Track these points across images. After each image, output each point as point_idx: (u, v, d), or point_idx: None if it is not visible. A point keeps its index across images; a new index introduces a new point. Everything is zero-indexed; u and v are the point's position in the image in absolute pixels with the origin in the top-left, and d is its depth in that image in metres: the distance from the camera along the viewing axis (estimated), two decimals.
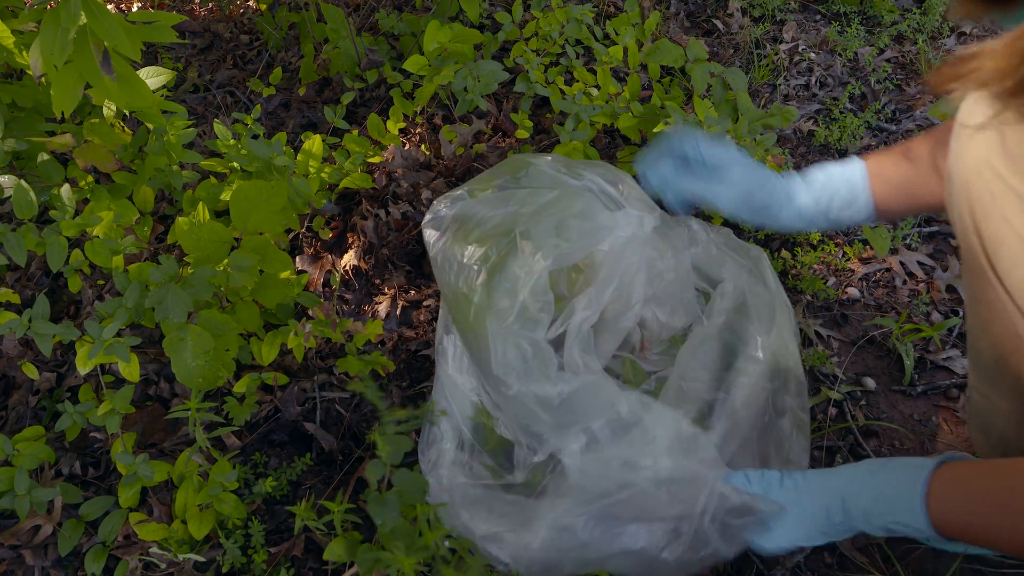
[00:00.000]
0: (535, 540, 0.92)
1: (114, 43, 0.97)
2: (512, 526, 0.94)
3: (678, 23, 2.11)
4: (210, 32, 2.13)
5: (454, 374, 1.07)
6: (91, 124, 1.27)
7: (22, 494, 1.04)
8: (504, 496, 0.99)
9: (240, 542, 1.09)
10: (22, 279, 1.48)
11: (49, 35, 0.93)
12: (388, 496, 0.83)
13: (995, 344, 0.79)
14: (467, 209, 1.08)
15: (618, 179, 1.10)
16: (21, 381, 1.32)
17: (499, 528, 0.94)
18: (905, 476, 0.81)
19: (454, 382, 1.07)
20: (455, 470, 1.01)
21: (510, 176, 1.11)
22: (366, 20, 1.99)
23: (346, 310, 1.43)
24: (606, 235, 1.00)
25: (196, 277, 1.07)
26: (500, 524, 0.94)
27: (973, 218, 0.74)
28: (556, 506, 0.93)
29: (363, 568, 0.81)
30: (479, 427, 1.06)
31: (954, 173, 0.78)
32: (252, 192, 1.16)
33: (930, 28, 2.08)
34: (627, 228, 1.01)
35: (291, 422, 1.26)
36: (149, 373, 1.32)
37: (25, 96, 1.23)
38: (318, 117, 1.80)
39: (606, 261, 1.01)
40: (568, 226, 1.00)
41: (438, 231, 1.09)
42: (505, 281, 0.97)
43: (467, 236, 1.03)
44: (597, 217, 1.02)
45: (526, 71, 1.56)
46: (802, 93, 1.92)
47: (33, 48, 0.99)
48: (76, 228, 1.15)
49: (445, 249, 1.06)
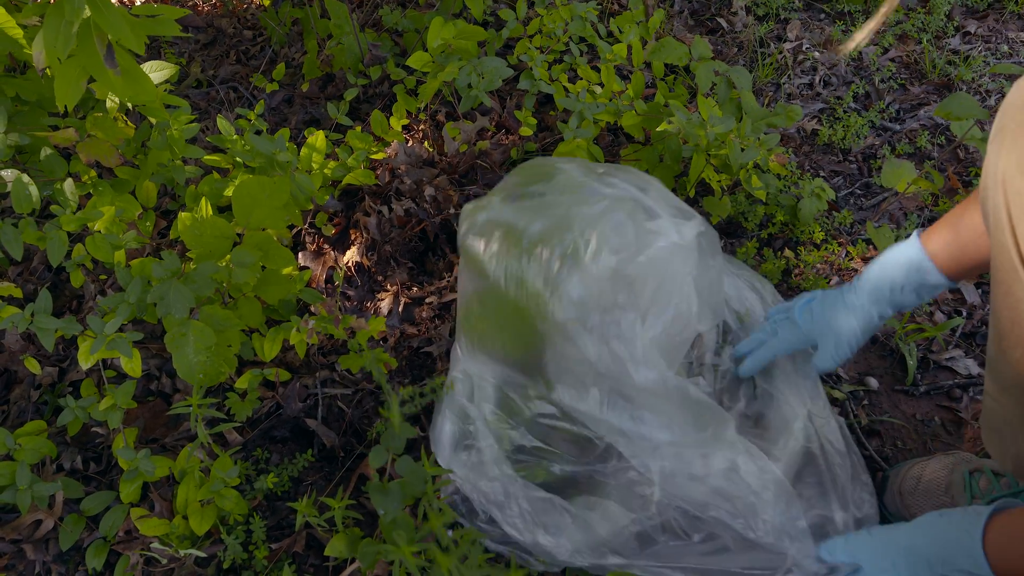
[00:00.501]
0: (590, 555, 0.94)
1: (118, 36, 0.96)
2: (579, 539, 0.95)
3: (682, 21, 2.11)
4: (213, 27, 2.13)
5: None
6: (94, 119, 1.27)
7: (23, 488, 1.04)
8: (562, 503, 1.00)
9: (241, 538, 1.09)
10: (24, 273, 1.48)
11: (53, 28, 0.92)
12: (391, 486, 0.83)
13: (1016, 346, 0.79)
14: (507, 217, 1.05)
15: (647, 184, 1.09)
16: (23, 376, 1.32)
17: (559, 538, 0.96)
18: (964, 522, 0.85)
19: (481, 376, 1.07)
20: (503, 468, 1.02)
21: (543, 182, 1.08)
22: (370, 16, 1.99)
23: (348, 306, 1.43)
24: (654, 241, 1.00)
25: (198, 273, 1.07)
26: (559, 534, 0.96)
27: (1009, 214, 0.74)
28: (622, 519, 0.96)
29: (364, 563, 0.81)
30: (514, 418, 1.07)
31: (992, 166, 0.77)
32: (255, 188, 1.16)
33: (934, 27, 2.07)
34: (670, 236, 1.01)
35: (293, 418, 1.26)
36: (151, 368, 1.32)
37: (28, 90, 1.23)
38: (321, 113, 1.80)
39: (652, 272, 0.99)
40: (624, 231, 1.00)
41: (482, 238, 1.06)
42: (575, 284, 0.96)
43: (519, 238, 1.01)
44: (645, 225, 1.01)
45: (530, 68, 1.56)
46: (806, 92, 1.91)
47: (36, 41, 0.99)
48: (77, 223, 1.15)
49: (494, 249, 1.03)
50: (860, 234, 1.56)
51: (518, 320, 1.00)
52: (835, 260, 1.50)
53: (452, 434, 1.05)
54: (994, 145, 0.78)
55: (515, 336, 1.04)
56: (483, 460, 1.02)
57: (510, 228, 1.02)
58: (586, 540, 0.96)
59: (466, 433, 1.05)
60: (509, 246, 1.01)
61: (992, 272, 0.82)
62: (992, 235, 0.79)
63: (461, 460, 1.03)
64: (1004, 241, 0.75)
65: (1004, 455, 0.93)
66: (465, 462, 1.02)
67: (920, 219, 1.57)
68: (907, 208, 1.60)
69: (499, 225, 1.04)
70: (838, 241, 1.54)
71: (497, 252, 1.02)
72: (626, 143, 1.68)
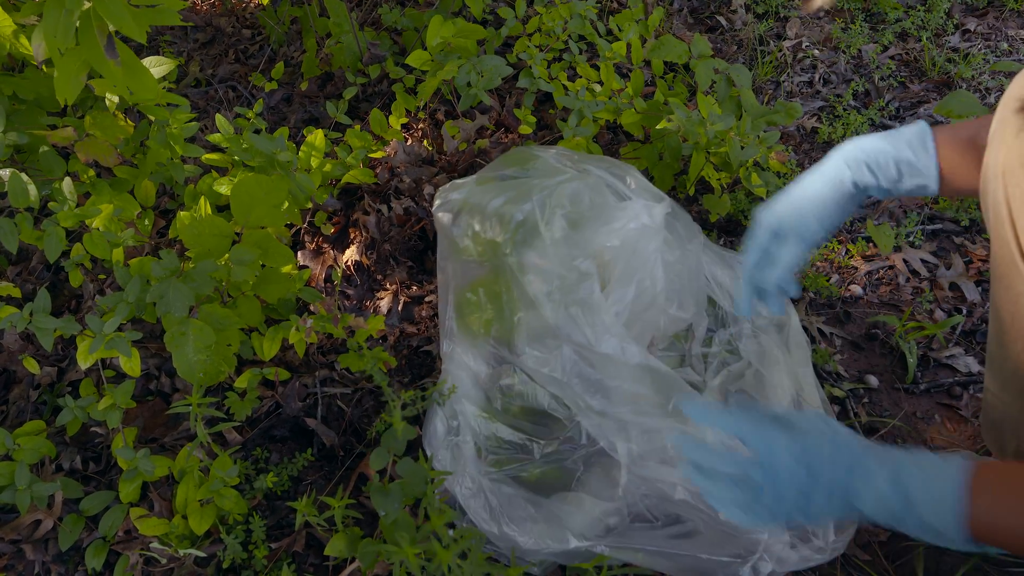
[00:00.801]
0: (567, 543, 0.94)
1: (119, 25, 0.95)
2: (542, 528, 0.95)
3: (681, 19, 2.11)
4: (212, 26, 2.12)
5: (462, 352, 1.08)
6: (93, 118, 1.27)
7: (23, 488, 1.03)
8: (528, 497, 1.00)
9: (241, 538, 1.09)
10: (23, 273, 1.48)
11: (52, 18, 0.92)
12: (391, 487, 0.83)
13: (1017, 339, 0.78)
14: (476, 195, 1.09)
15: (625, 172, 1.10)
16: (22, 375, 1.31)
17: (530, 534, 0.96)
18: (944, 469, 0.68)
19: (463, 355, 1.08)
20: (477, 465, 1.02)
21: (518, 167, 1.12)
22: (369, 15, 1.99)
23: (348, 305, 1.43)
24: (619, 216, 1.00)
25: (197, 271, 1.06)
26: (531, 529, 0.96)
27: (1009, 207, 0.74)
28: (594, 508, 0.95)
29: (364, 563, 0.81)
30: (496, 401, 1.07)
31: (992, 160, 0.77)
32: (253, 186, 1.16)
33: (934, 25, 2.07)
34: (639, 217, 1.01)
35: (292, 418, 1.25)
36: (150, 368, 1.32)
37: (27, 88, 1.22)
38: (320, 112, 1.80)
39: (620, 254, 1.01)
40: (580, 198, 1.01)
41: (450, 212, 1.12)
42: (529, 250, 0.98)
43: (483, 210, 1.06)
44: (608, 200, 1.03)
45: (529, 66, 1.56)
46: (806, 90, 1.91)
47: (36, 33, 0.98)
48: (74, 219, 1.15)
49: (461, 223, 1.08)
50: (860, 232, 1.55)
51: (489, 293, 1.02)
52: (835, 258, 1.50)
53: (441, 432, 1.06)
54: (995, 139, 0.77)
55: (484, 308, 1.06)
56: (463, 456, 1.02)
57: (476, 203, 1.08)
58: (551, 531, 0.96)
59: (451, 429, 1.05)
60: (472, 217, 1.07)
61: (992, 267, 0.81)
62: (992, 229, 0.78)
63: (446, 458, 1.04)
64: (1004, 235, 0.75)
65: (1004, 450, 0.94)
66: (448, 459, 1.03)
67: (920, 217, 1.56)
68: (907, 206, 1.60)
69: (467, 200, 1.10)
70: (838, 239, 1.53)
71: (463, 224, 1.08)
72: (625, 141, 1.68)
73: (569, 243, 0.98)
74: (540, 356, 0.98)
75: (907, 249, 1.50)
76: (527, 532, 0.95)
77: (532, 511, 0.97)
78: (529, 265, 0.98)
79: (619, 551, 0.94)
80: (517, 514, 0.97)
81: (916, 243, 1.52)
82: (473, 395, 1.08)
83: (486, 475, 1.01)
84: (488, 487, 0.98)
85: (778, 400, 1.06)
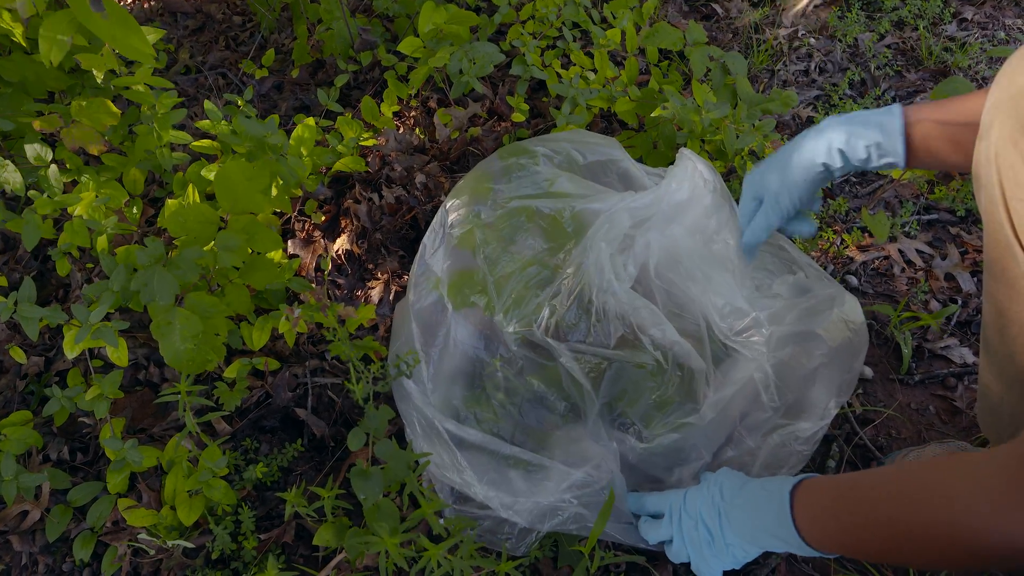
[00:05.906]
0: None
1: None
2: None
3: (676, 7, 2.09)
4: (202, 13, 2.10)
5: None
6: (79, 105, 1.25)
7: (9, 479, 1.02)
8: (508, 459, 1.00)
9: (230, 528, 1.08)
10: (10, 262, 1.46)
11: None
12: (372, 471, 0.81)
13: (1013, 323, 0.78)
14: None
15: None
16: (9, 365, 1.30)
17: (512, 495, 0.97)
18: (775, 490, 0.87)
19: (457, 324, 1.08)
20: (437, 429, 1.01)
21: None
22: (360, 1, 1.97)
23: (338, 295, 1.42)
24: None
25: (182, 258, 1.05)
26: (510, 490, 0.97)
27: (1002, 188, 0.73)
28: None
29: (351, 553, 0.80)
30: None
31: (984, 144, 0.76)
32: (235, 172, 1.14)
33: (931, 14, 2.06)
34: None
35: (282, 408, 1.24)
36: (138, 358, 1.30)
37: (11, 70, 1.20)
38: (311, 100, 1.78)
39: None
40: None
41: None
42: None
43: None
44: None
45: (522, 54, 1.54)
46: (801, 79, 1.90)
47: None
48: (52, 206, 1.13)
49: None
50: (855, 222, 1.54)
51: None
52: (830, 248, 1.49)
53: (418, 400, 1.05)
54: (988, 124, 0.76)
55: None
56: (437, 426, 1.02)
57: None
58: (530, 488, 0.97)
59: (426, 397, 1.05)
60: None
61: (985, 253, 0.81)
62: (985, 214, 0.78)
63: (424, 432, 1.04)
64: (998, 217, 0.74)
65: (1000, 436, 0.93)
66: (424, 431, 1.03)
67: (916, 207, 1.55)
68: (902, 196, 1.59)
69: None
70: (833, 229, 1.53)
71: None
72: (620, 129, 1.67)
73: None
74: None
75: (902, 239, 1.49)
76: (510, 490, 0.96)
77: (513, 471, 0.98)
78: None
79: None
80: (491, 478, 0.98)
81: (912, 233, 1.51)
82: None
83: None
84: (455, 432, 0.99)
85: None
